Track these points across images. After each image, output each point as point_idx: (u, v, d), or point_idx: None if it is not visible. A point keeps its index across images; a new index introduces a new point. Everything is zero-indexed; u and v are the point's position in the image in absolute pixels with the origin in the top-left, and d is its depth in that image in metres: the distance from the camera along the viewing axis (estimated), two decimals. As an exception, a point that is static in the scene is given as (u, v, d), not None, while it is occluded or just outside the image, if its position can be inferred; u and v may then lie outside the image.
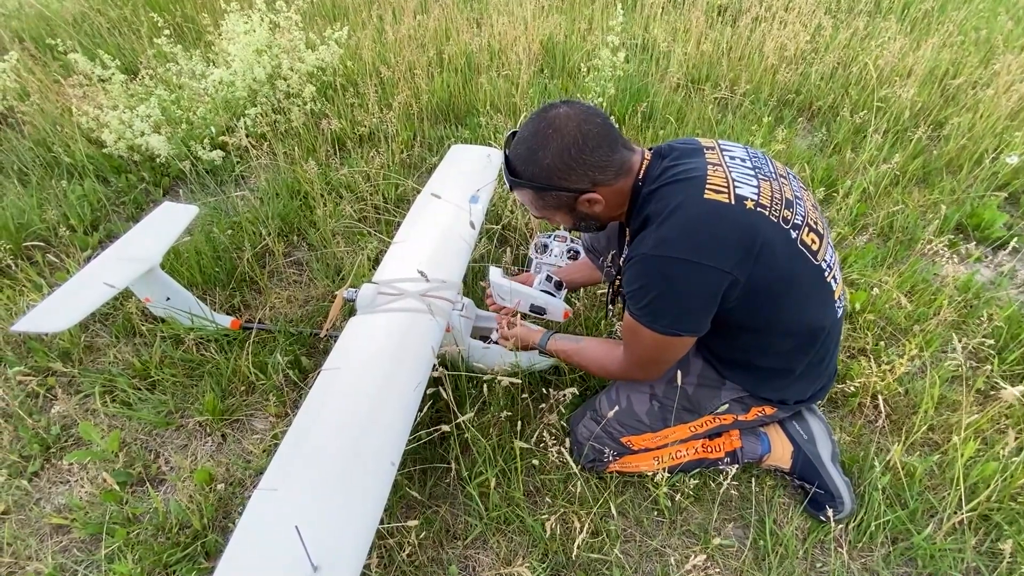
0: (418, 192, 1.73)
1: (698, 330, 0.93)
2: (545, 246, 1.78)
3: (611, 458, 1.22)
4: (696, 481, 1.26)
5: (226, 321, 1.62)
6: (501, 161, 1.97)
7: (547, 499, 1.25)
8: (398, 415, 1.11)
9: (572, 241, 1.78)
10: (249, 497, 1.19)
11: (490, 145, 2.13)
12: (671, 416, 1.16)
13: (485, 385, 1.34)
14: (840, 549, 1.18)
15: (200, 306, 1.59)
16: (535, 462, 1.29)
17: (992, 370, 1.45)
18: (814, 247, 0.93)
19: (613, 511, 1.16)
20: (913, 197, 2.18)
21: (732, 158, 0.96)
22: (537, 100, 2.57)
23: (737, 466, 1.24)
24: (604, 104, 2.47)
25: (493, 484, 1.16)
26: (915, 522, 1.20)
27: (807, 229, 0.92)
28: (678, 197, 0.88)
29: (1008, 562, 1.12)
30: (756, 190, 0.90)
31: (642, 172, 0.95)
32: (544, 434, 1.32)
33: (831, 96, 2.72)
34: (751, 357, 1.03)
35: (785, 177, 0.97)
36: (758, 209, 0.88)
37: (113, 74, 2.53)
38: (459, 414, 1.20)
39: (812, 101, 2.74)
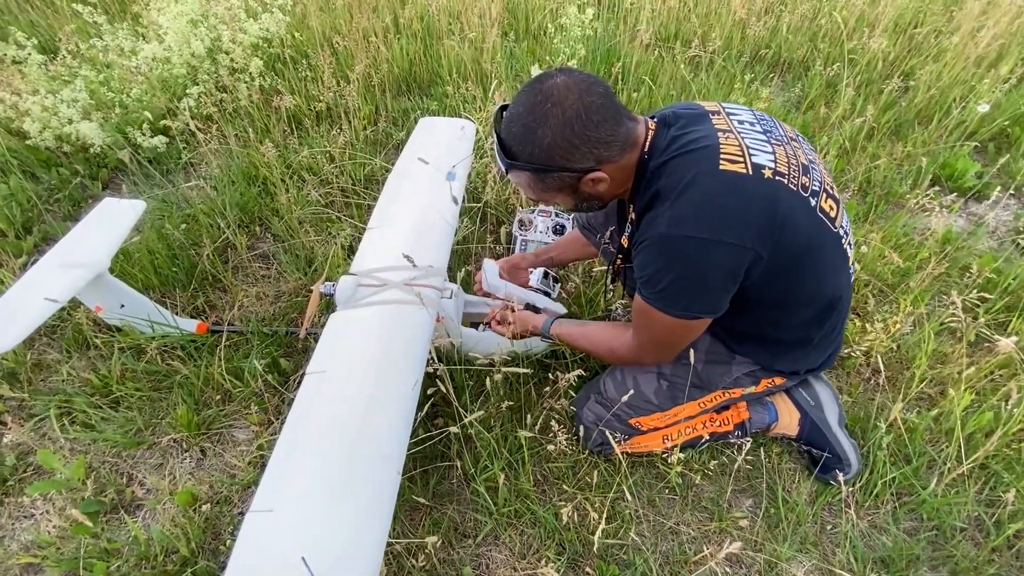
0: (388, 171, 1.61)
1: (717, 311, 0.88)
2: (529, 222, 1.70)
3: (620, 440, 1.18)
4: (707, 457, 1.24)
5: (191, 325, 1.49)
6: (474, 133, 1.87)
7: (557, 488, 1.21)
8: (397, 419, 1.04)
9: (557, 215, 1.70)
10: (240, 516, 1.10)
11: (461, 116, 2.01)
12: (681, 394, 1.12)
13: (487, 379, 1.27)
14: (848, 510, 1.19)
15: (159, 311, 1.45)
16: (542, 451, 1.24)
17: (979, 321, 1.47)
18: (832, 214, 0.88)
19: (627, 494, 1.13)
20: (887, 151, 2.19)
21: (740, 122, 0.90)
22: (506, 66, 2.43)
23: (747, 438, 1.22)
24: (575, 67, 2.36)
25: (501, 480, 1.10)
26: (919, 477, 1.22)
27: (824, 195, 0.87)
28: (691, 170, 0.82)
29: (1011, 509, 1.15)
30: (772, 157, 0.84)
31: (648, 144, 0.87)
32: (550, 420, 1.28)
33: (801, 50, 2.68)
34: (765, 331, 0.99)
35: (796, 140, 0.92)
36: (776, 178, 0.82)
37: (29, 54, 2.26)
38: (460, 409, 1.13)
39: (783, 56, 2.70)
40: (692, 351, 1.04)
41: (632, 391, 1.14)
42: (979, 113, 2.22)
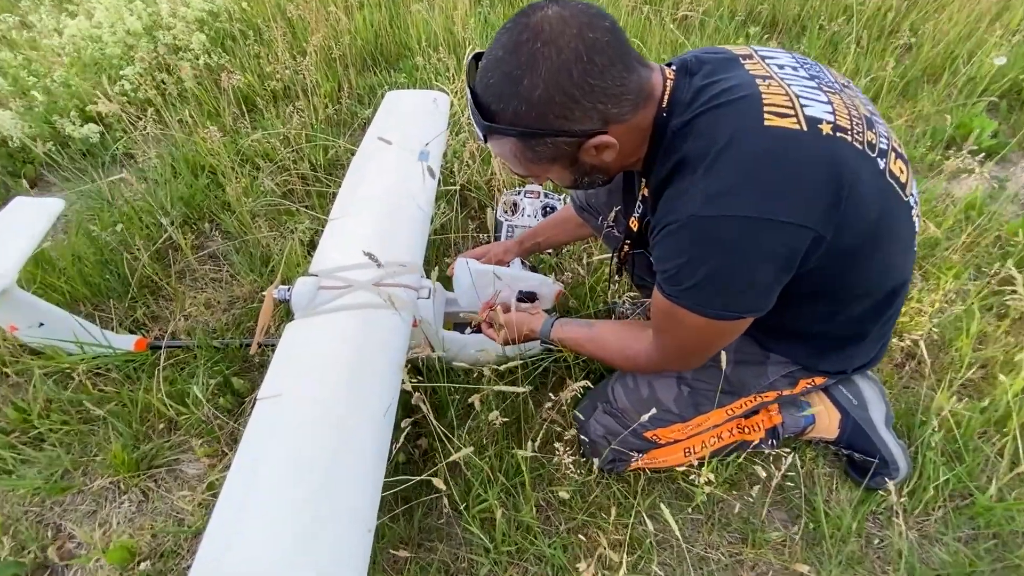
0: (353, 154, 1.39)
1: (764, 308, 0.70)
2: (515, 205, 1.51)
3: (636, 458, 1.02)
4: (732, 466, 1.08)
5: (128, 342, 1.28)
6: (448, 105, 1.66)
7: (564, 515, 1.04)
8: (367, 456, 0.85)
9: (547, 196, 1.51)
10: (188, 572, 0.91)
11: (434, 88, 1.79)
12: (706, 402, 0.95)
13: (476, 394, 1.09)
14: (896, 520, 1.04)
15: (86, 328, 1.23)
16: (544, 471, 1.06)
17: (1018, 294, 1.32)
18: (902, 178, 0.70)
19: (646, 520, 0.96)
20: (897, 111, 2.02)
21: (780, 67, 0.71)
22: (481, 34, 2.21)
23: (777, 445, 1.06)
24: None
25: (499, 515, 0.93)
26: (973, 478, 1.07)
27: (894, 155, 0.69)
28: (727, 128, 0.63)
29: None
30: (829, 108, 0.65)
31: (667, 98, 0.68)
32: (551, 435, 1.10)
33: (798, 7, 2.50)
34: (810, 326, 0.82)
35: (849, 88, 0.73)
36: (838, 134, 0.63)
37: (-69, 36, 1.97)
38: (443, 432, 0.95)
39: (779, 14, 2.51)
40: (721, 352, 0.87)
41: (647, 400, 0.97)
42: (994, 67, 2.07)
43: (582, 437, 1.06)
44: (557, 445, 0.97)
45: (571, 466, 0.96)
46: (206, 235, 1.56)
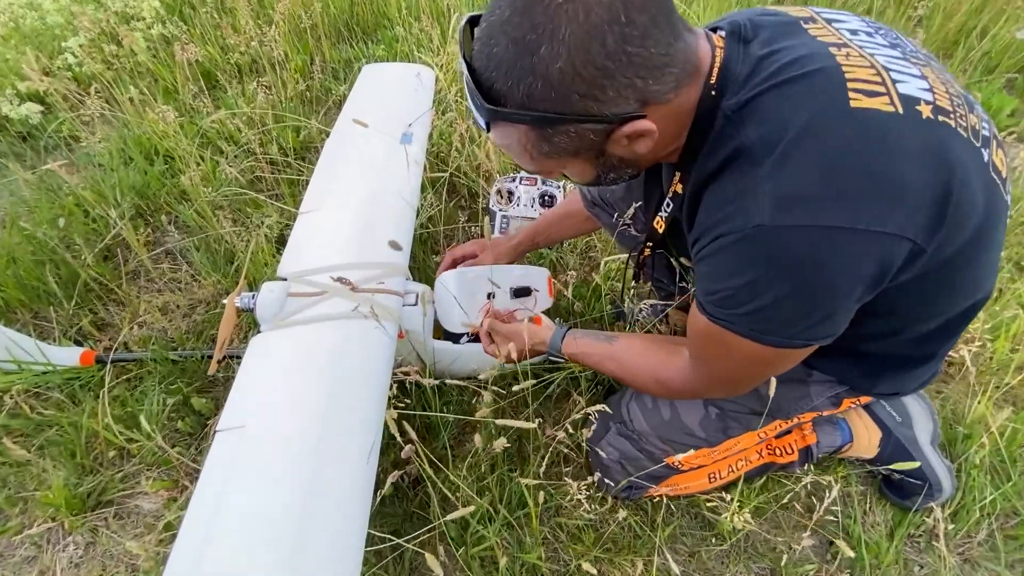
0: (327, 136, 1.23)
1: (838, 333, 0.57)
2: (509, 193, 1.36)
3: (655, 483, 0.90)
4: (757, 487, 0.97)
5: (72, 357, 1.11)
6: (433, 81, 1.49)
7: (574, 548, 0.92)
8: (346, 503, 0.72)
9: (545, 183, 1.36)
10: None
11: (417, 62, 1.62)
12: (736, 425, 0.83)
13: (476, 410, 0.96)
14: (937, 543, 0.95)
15: (18, 342, 1.07)
16: (551, 501, 0.95)
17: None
18: (1003, 172, 0.57)
19: (667, 555, 0.85)
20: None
21: (852, 32, 0.57)
22: (469, 1, 2.02)
23: (809, 466, 0.95)
24: None
25: (503, 563, 0.81)
26: (1021, 497, 0.98)
27: (995, 143, 0.56)
28: (803, 111, 0.49)
29: None
30: (924, 83, 0.52)
31: (716, 72, 0.54)
32: (556, 454, 0.98)
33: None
34: (868, 344, 0.69)
35: (933, 60, 0.59)
36: (939, 118, 0.50)
37: None
38: (433, 462, 0.82)
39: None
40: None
41: (669, 422, 0.85)
42: (1012, 41, 1.95)
43: (593, 463, 0.94)
44: (565, 470, 0.85)
45: (582, 492, 0.84)
46: (162, 230, 1.39)
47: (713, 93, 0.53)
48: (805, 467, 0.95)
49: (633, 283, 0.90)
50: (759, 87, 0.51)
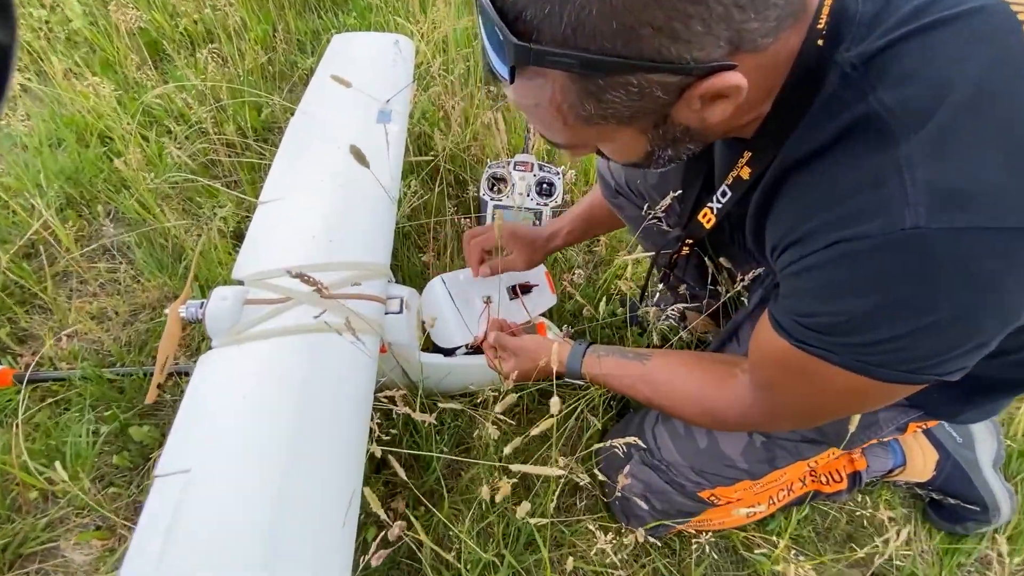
0: (292, 115, 1.06)
1: (970, 366, 0.44)
2: (503, 180, 1.20)
3: (680, 518, 0.77)
4: (805, 528, 0.85)
5: (-17, 376, 0.93)
6: (413, 52, 1.32)
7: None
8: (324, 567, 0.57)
9: (541, 167, 1.21)
10: None
11: (394, 31, 1.44)
12: (784, 455, 0.71)
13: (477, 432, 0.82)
14: (990, 573, 0.85)
15: (-88, 364, 0.88)
16: (563, 539, 0.81)
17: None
18: None
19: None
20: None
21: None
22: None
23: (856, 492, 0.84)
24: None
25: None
26: (1082, 519, 0.89)
27: None
28: (967, 66, 0.36)
29: None
30: None
31: (825, 11, 0.39)
32: (565, 485, 0.85)
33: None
34: (978, 372, 0.56)
35: None
36: None
37: None
38: (426, 504, 0.68)
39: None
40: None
41: (706, 451, 0.72)
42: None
43: (611, 495, 0.81)
44: (579, 504, 0.71)
45: (607, 542, 0.70)
46: (98, 223, 1.19)
47: (820, 41, 0.39)
48: (851, 491, 0.84)
49: (660, 285, 0.76)
50: (895, 32, 0.37)
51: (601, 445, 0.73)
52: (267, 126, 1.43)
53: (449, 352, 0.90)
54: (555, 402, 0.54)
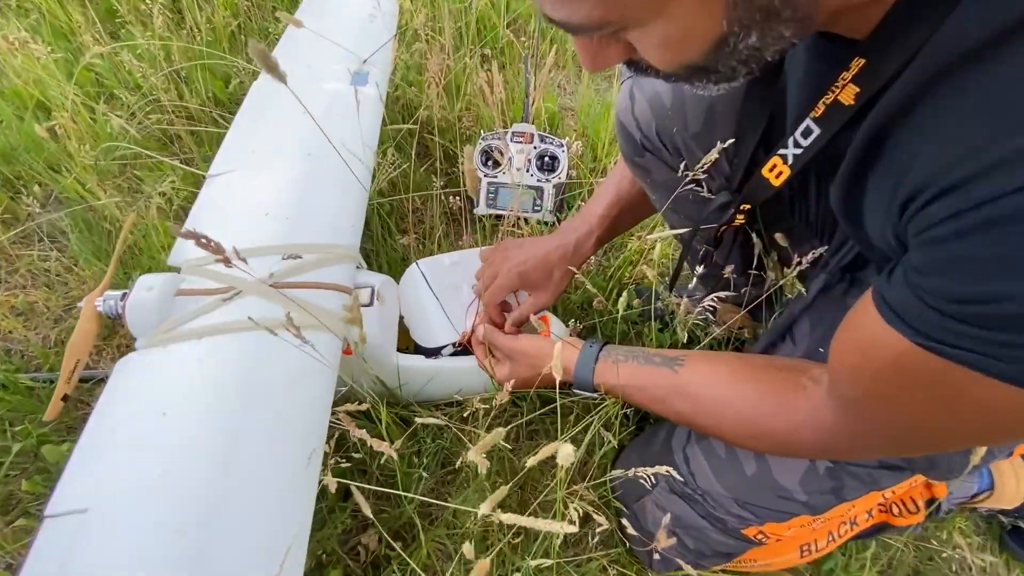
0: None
1: None
2: (499, 153, 1.05)
3: (717, 560, 0.62)
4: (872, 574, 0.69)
5: None
6: (395, 7, 1.13)
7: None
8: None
9: (543, 139, 1.05)
10: None
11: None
12: (856, 484, 0.55)
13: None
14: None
15: None
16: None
17: None
18: None
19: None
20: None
21: None
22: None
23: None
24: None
25: None
26: None
27: None
28: None
29: None
30: None
31: None
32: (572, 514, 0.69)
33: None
34: None
35: None
36: None
37: None
38: (398, 550, 0.53)
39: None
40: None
41: (755, 479, 0.57)
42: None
43: (629, 522, 0.65)
44: (591, 536, 0.56)
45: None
46: (34, 199, 1.03)
47: None
48: (928, 520, 0.68)
49: (700, 269, 0.60)
50: None
51: (620, 475, 0.58)
52: (236, 99, 1.27)
53: (432, 353, 0.75)
54: (566, 454, 0.38)
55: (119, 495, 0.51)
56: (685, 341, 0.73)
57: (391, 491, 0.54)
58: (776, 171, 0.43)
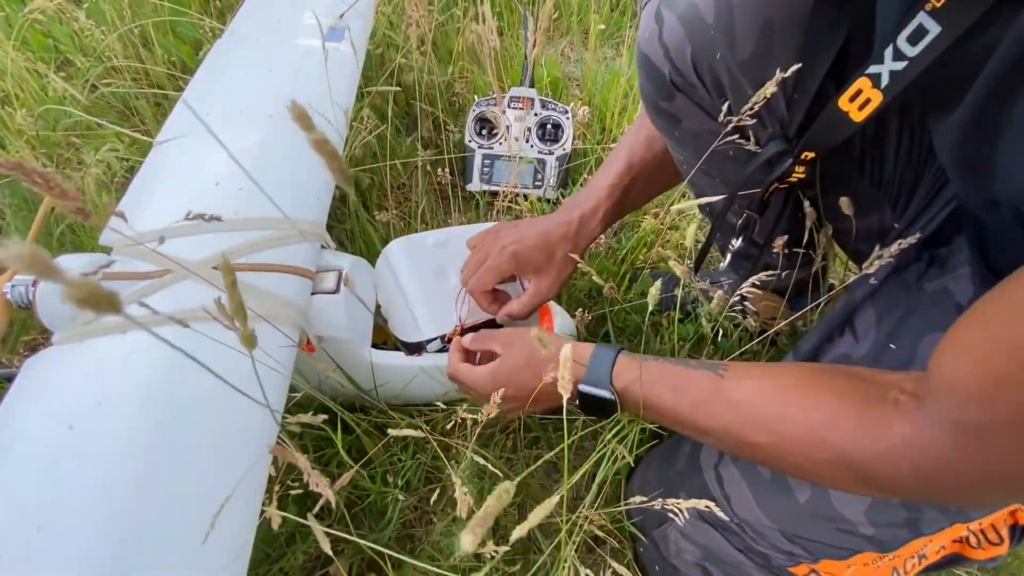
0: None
1: None
2: (494, 121, 0.93)
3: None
4: None
5: None
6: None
7: None
8: None
9: (544, 105, 0.93)
10: None
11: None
12: (938, 517, 0.44)
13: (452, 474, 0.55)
14: None
15: None
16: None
17: None
18: None
19: None
20: None
21: None
22: None
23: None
24: None
25: None
26: None
27: None
28: None
29: None
30: None
31: None
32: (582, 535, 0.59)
33: None
34: None
35: None
36: None
37: None
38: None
39: None
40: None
41: (807, 508, 0.46)
42: None
43: (648, 555, 0.54)
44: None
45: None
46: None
47: None
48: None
49: (736, 244, 0.49)
50: None
51: (639, 503, 0.47)
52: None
53: (415, 348, 0.64)
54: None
55: (5, 529, 0.40)
56: (711, 335, 0.62)
57: (343, 535, 0.43)
58: (860, 100, 0.31)
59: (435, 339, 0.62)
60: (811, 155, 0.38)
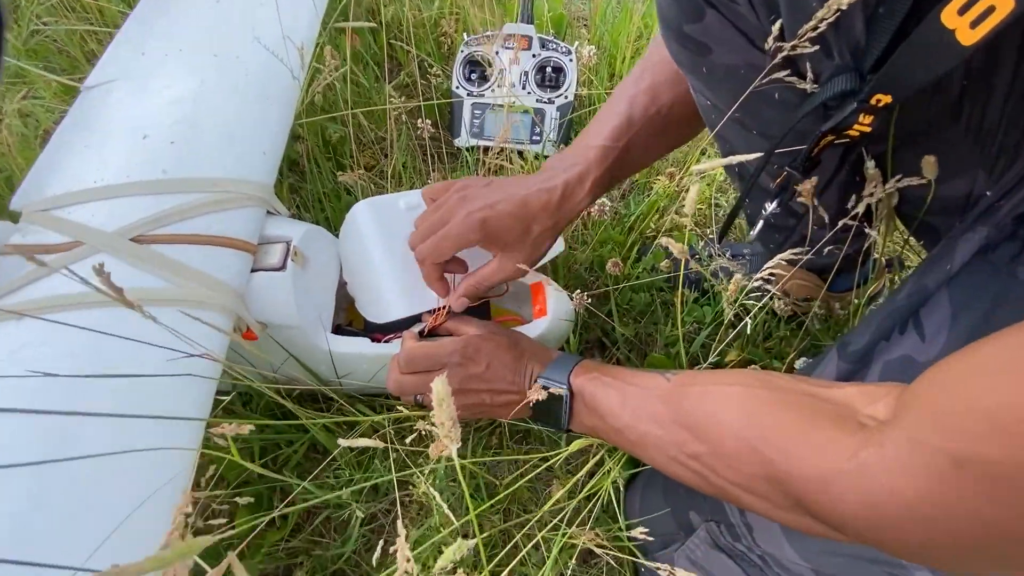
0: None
1: None
2: (487, 63, 0.80)
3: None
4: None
5: None
6: None
7: None
8: None
9: (544, 45, 0.80)
10: None
11: None
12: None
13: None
14: None
15: None
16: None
17: None
18: None
19: None
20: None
21: None
22: None
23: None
24: None
25: None
26: None
27: None
28: None
29: None
30: None
31: None
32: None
33: None
34: None
35: None
36: None
37: None
38: None
39: None
40: None
41: (849, 547, 0.37)
42: None
43: (643, 570, 0.47)
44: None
45: None
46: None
47: None
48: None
49: (770, 207, 0.38)
50: None
51: (641, 535, 0.38)
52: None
53: (386, 331, 0.55)
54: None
55: None
56: (731, 318, 0.52)
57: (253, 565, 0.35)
58: (977, 9, 0.20)
59: (406, 319, 0.53)
60: (886, 100, 0.27)
